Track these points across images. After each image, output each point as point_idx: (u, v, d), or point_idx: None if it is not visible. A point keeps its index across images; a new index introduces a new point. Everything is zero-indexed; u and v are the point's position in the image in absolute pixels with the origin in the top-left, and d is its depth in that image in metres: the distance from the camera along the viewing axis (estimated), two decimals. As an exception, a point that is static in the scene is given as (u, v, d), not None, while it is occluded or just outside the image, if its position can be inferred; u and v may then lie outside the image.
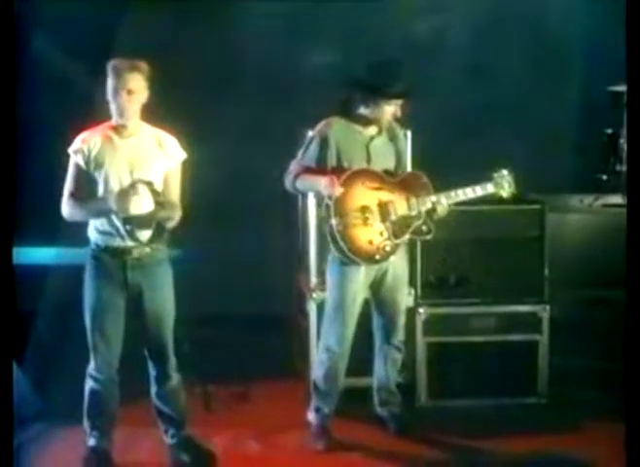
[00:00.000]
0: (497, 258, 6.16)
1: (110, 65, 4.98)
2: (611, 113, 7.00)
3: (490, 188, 5.57)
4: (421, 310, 6.10)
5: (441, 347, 6.11)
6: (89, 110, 5.24)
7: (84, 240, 5.18)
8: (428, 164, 5.75)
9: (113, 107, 5.01)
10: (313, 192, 5.57)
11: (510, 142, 7.26)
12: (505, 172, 5.57)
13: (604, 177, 7.09)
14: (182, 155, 5.18)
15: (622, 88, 6.81)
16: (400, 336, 5.69)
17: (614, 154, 7.03)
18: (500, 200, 6.05)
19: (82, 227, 5.15)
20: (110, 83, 4.97)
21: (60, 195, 5.10)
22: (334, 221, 5.32)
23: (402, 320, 5.68)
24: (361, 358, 5.70)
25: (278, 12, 7.48)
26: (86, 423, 5.24)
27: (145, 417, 5.40)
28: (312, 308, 6.06)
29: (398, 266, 5.56)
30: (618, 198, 6.85)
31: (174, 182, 5.15)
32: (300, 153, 5.50)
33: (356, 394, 5.82)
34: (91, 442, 5.23)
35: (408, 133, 5.98)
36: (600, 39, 7.06)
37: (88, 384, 5.18)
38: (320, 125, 5.49)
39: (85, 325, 5.13)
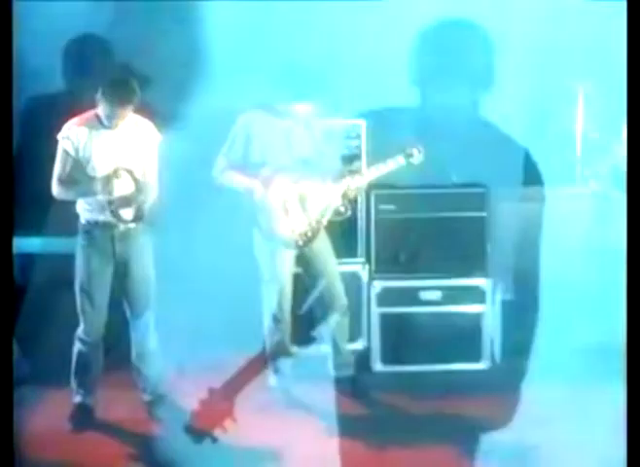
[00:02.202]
0: (445, 236, 6.45)
1: (100, 107, 5.30)
2: (564, 108, 7.17)
3: (401, 159, 5.83)
4: (375, 283, 6.45)
5: (393, 317, 6.43)
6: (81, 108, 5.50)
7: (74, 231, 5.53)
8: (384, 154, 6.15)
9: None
10: (238, 190, 5.77)
11: (467, 135, 7.20)
12: (414, 143, 5.84)
13: (560, 170, 7.24)
14: (158, 137, 5.52)
15: (575, 83, 7.12)
16: (341, 300, 5.95)
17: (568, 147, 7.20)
18: (448, 185, 6.52)
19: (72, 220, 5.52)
20: (100, 109, 5.32)
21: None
22: (259, 216, 5.71)
23: (338, 287, 5.93)
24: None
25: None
26: (72, 382, 5.65)
27: (125, 381, 5.81)
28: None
29: (320, 243, 5.88)
30: (571, 190, 7.07)
31: (151, 163, 5.51)
32: (225, 147, 5.76)
33: (315, 358, 6.16)
34: (77, 398, 5.66)
35: (363, 123, 6.36)
36: (556, 35, 7.04)
37: (76, 346, 5.59)
38: (242, 121, 5.74)
39: (73, 297, 5.51)
